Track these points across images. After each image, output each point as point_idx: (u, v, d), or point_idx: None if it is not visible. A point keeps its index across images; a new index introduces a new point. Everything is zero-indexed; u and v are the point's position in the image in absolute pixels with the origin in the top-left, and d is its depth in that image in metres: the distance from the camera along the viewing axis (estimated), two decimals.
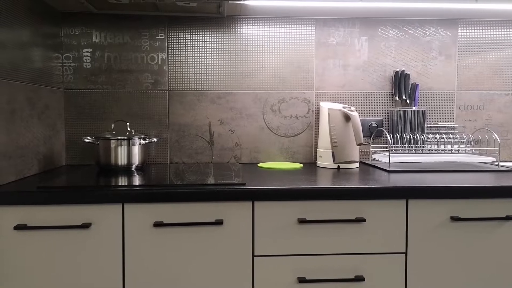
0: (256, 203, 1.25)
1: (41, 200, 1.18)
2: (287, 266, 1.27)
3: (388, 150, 1.83)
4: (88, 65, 1.78)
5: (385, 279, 1.29)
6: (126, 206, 1.22)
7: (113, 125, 1.66)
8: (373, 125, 1.88)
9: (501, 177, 1.44)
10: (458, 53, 1.91)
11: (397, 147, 1.82)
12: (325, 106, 1.72)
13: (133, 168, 1.58)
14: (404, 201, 1.28)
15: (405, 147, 1.82)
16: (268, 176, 1.45)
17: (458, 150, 1.81)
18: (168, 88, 1.82)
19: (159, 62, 1.81)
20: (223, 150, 1.85)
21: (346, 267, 1.28)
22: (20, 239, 1.19)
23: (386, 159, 1.66)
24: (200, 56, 1.82)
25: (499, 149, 1.69)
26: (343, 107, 1.68)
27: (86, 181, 1.32)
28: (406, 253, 1.29)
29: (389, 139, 1.65)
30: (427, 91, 1.91)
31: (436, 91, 1.91)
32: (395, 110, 1.85)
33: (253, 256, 1.26)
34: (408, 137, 1.83)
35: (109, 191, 1.20)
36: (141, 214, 1.22)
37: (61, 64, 1.76)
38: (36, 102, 1.51)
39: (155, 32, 1.80)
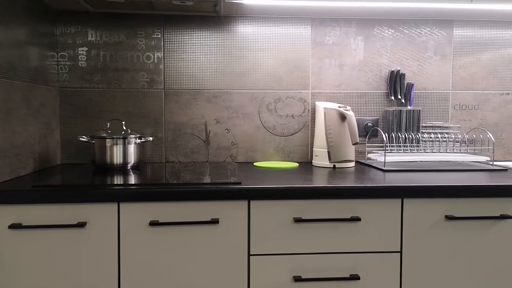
0: (252, 202, 1.25)
1: (36, 199, 1.18)
2: (283, 265, 1.27)
3: (383, 150, 1.84)
4: (84, 63, 1.78)
5: (380, 278, 1.30)
6: (122, 205, 1.22)
7: (108, 124, 1.65)
8: (368, 124, 1.89)
9: (495, 176, 1.45)
10: (453, 53, 1.92)
11: (392, 146, 1.83)
12: (321, 106, 1.72)
13: (128, 167, 1.58)
14: (399, 200, 1.29)
15: (400, 146, 1.82)
16: (264, 175, 1.45)
17: (453, 149, 1.82)
18: (164, 87, 1.81)
19: (155, 61, 1.80)
20: (219, 149, 1.85)
21: (342, 265, 1.28)
22: (15, 238, 1.19)
23: (382, 159, 1.66)
24: (196, 55, 1.82)
25: (493, 148, 1.71)
26: (339, 107, 1.69)
27: (82, 180, 1.32)
28: (401, 252, 1.30)
29: (385, 139, 1.66)
30: (422, 91, 1.91)
31: (431, 91, 1.92)
32: (391, 109, 1.86)
33: (249, 255, 1.26)
34: (403, 136, 1.83)
35: (104, 190, 1.20)
36: (136, 213, 1.22)
37: (56, 63, 1.76)
38: (31, 101, 1.51)
39: (151, 31, 1.79)
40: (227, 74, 1.84)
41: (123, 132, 1.58)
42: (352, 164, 1.71)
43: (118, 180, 1.32)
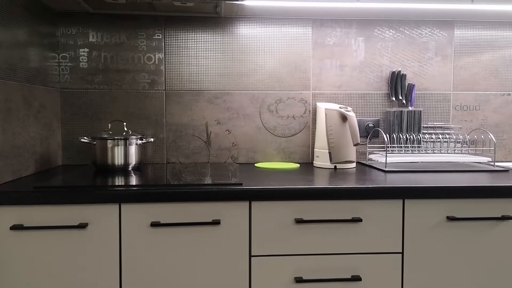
0: (253, 203, 1.25)
1: (37, 200, 1.18)
2: (284, 266, 1.27)
3: (384, 150, 1.84)
4: (85, 64, 1.78)
5: (381, 279, 1.29)
6: (123, 206, 1.22)
7: (109, 125, 1.65)
8: (369, 125, 1.89)
9: (496, 177, 1.45)
10: (454, 53, 1.92)
11: (393, 147, 1.83)
12: (322, 106, 1.72)
13: (130, 168, 1.58)
14: (400, 201, 1.29)
15: (401, 147, 1.82)
16: (265, 176, 1.45)
17: (454, 150, 1.82)
18: (165, 88, 1.81)
19: (156, 62, 1.81)
20: (220, 150, 1.85)
21: (343, 266, 1.28)
22: (17, 239, 1.19)
23: (383, 159, 1.66)
24: (197, 56, 1.82)
25: (494, 149, 1.70)
26: (340, 107, 1.68)
27: (83, 181, 1.32)
28: (402, 252, 1.30)
29: (386, 139, 1.66)
30: (423, 92, 1.91)
31: (432, 92, 1.92)
32: (392, 110, 1.86)
33: (250, 256, 1.26)
34: (404, 137, 1.83)
35: (106, 191, 1.20)
36: (138, 214, 1.22)
37: (57, 64, 1.76)
38: (32, 102, 1.51)
39: (152, 32, 1.80)
40: (228, 75, 1.84)
41: (124, 133, 1.58)
42: (353, 165, 1.71)
43: (119, 181, 1.33)
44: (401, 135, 1.83)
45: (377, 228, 1.28)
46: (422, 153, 1.79)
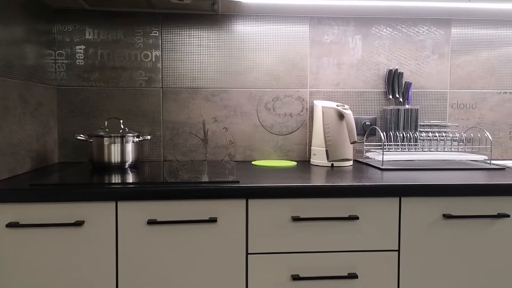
0: (250, 201, 1.25)
1: (33, 197, 1.17)
2: (281, 263, 1.27)
3: (381, 148, 1.84)
4: (81, 62, 1.77)
5: (378, 276, 1.30)
6: (120, 204, 1.21)
7: (106, 123, 1.65)
8: (366, 123, 1.89)
9: (493, 175, 1.45)
10: (451, 52, 1.92)
11: (390, 145, 1.83)
12: (319, 104, 1.72)
13: (126, 166, 1.57)
14: (397, 199, 1.29)
15: (398, 145, 1.82)
16: (262, 174, 1.45)
17: (451, 148, 1.83)
18: (162, 85, 1.81)
19: (153, 60, 1.80)
20: (217, 148, 1.85)
21: (340, 264, 1.28)
22: (13, 237, 1.18)
23: (380, 157, 1.67)
24: (194, 53, 1.82)
25: (491, 147, 1.71)
26: (337, 105, 1.69)
27: (79, 178, 1.31)
28: (399, 250, 1.30)
29: (383, 137, 1.66)
30: (420, 90, 1.92)
31: (429, 90, 1.92)
32: (389, 108, 1.86)
33: (247, 253, 1.26)
34: (401, 135, 1.84)
35: (102, 188, 1.20)
36: (134, 212, 1.22)
37: (54, 61, 1.75)
38: (29, 99, 1.50)
39: (149, 29, 1.79)
40: (225, 72, 1.83)
41: (121, 131, 1.58)
42: (350, 163, 1.71)
43: (116, 178, 1.32)
44: (398, 133, 1.84)
45: (374, 226, 1.29)
46: (418, 151, 1.79)
